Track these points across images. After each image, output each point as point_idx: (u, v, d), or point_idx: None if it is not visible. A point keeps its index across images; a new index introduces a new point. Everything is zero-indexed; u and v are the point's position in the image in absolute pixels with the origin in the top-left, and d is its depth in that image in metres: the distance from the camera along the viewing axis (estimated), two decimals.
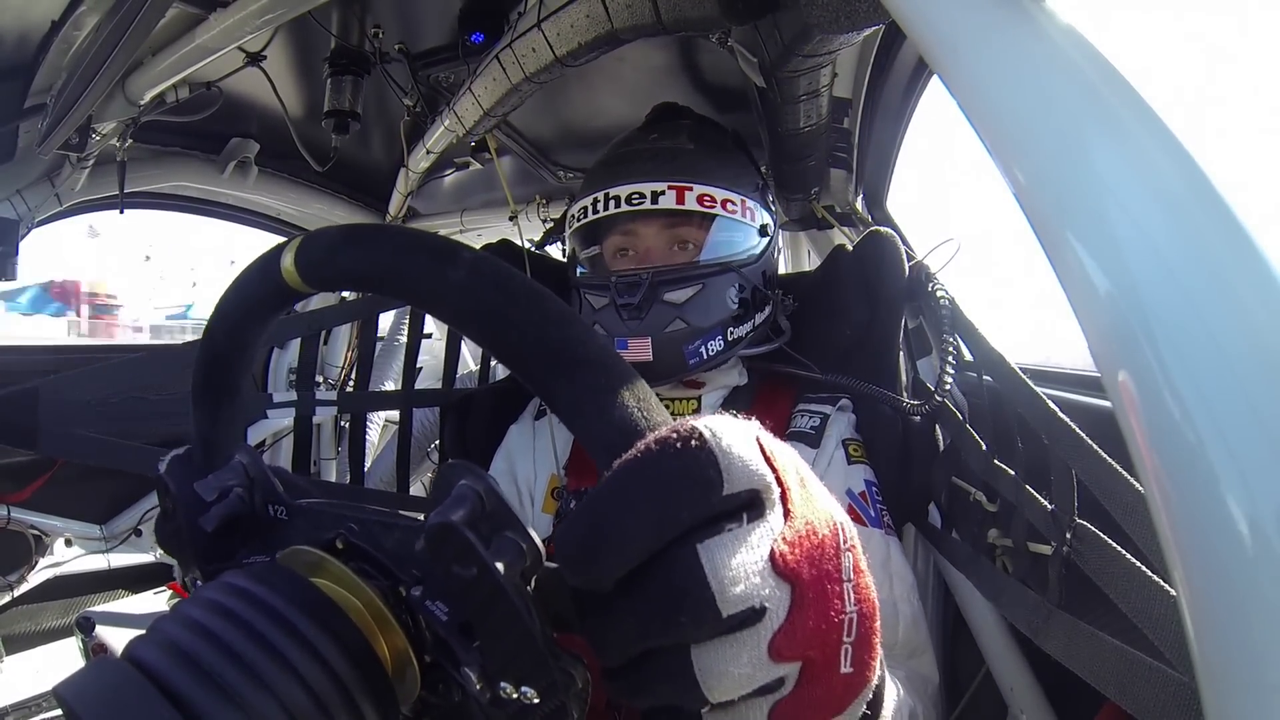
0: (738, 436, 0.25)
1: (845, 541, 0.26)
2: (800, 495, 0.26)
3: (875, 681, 0.27)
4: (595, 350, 0.27)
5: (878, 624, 0.27)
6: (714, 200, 0.79)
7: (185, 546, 0.39)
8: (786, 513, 0.25)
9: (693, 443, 0.24)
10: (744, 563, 0.23)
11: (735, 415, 0.26)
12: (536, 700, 0.27)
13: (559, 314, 0.28)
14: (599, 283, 0.81)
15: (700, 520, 0.24)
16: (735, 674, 0.24)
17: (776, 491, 0.25)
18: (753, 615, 0.23)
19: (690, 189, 0.78)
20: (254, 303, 0.37)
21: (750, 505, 0.25)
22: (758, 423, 0.27)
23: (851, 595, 0.26)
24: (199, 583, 0.39)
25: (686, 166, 0.80)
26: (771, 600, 0.24)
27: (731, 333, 0.79)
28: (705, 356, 0.77)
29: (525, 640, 0.26)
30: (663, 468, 0.24)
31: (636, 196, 0.78)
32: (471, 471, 0.27)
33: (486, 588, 0.25)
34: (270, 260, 0.35)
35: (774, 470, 0.25)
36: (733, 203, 0.80)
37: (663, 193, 0.77)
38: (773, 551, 0.24)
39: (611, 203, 0.79)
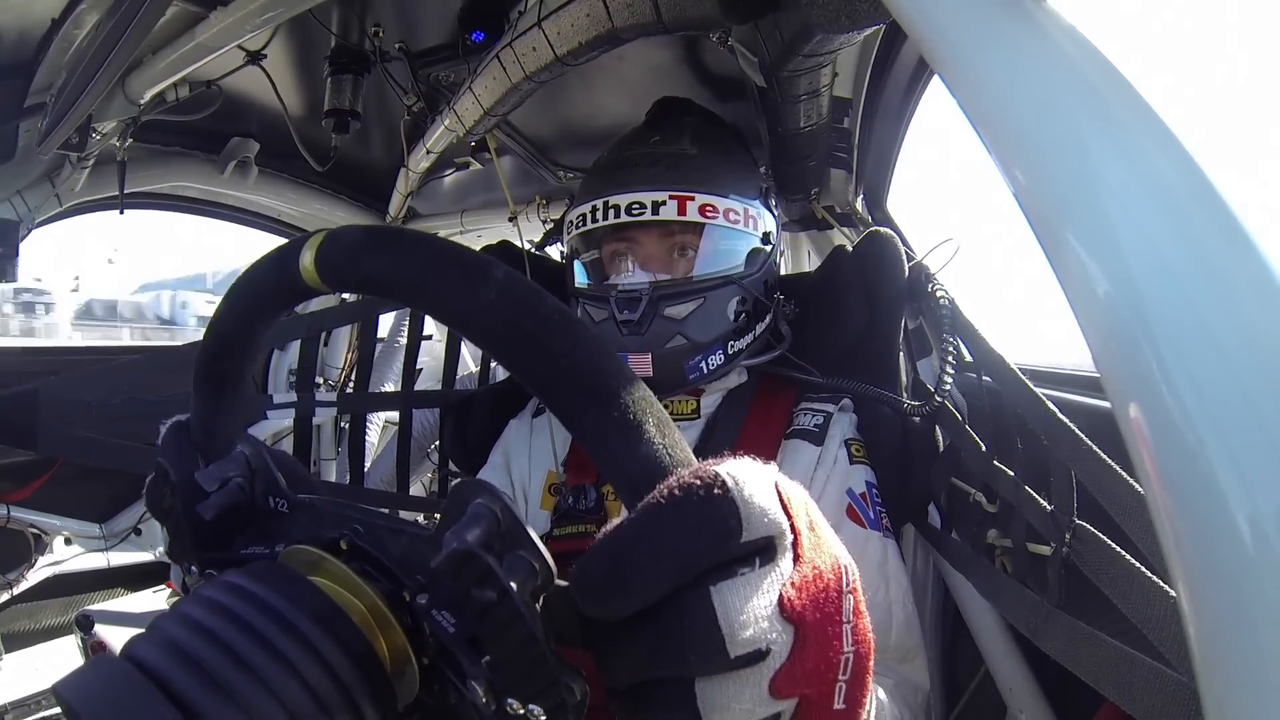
0: (759, 484, 0.25)
1: (848, 584, 0.27)
2: (810, 539, 0.27)
3: (865, 717, 0.28)
4: (625, 383, 0.27)
5: (872, 663, 0.28)
6: (716, 210, 0.76)
7: (183, 535, 0.39)
8: (796, 556, 0.26)
9: (715, 490, 0.24)
10: (754, 607, 0.24)
11: (754, 459, 0.27)
12: (543, 718, 0.27)
13: (589, 342, 0.28)
14: (599, 294, 0.79)
15: (716, 564, 0.25)
16: (736, 709, 0.25)
17: (789, 538, 0.26)
18: (758, 656, 0.24)
19: (692, 199, 0.76)
20: (267, 295, 0.37)
21: (764, 550, 0.26)
22: (775, 467, 0.28)
23: (850, 636, 0.27)
24: (194, 570, 0.39)
25: (688, 174, 0.78)
26: (777, 642, 0.25)
27: (732, 346, 0.78)
28: (705, 371, 0.77)
29: (537, 662, 0.26)
30: (685, 514, 0.24)
31: (637, 206, 0.76)
32: (487, 490, 0.27)
33: (505, 612, 0.25)
34: (289, 255, 0.34)
35: (788, 515, 0.26)
36: (735, 212, 0.78)
37: (664, 203, 0.75)
38: (781, 596, 0.25)
39: (611, 211, 0.77)
